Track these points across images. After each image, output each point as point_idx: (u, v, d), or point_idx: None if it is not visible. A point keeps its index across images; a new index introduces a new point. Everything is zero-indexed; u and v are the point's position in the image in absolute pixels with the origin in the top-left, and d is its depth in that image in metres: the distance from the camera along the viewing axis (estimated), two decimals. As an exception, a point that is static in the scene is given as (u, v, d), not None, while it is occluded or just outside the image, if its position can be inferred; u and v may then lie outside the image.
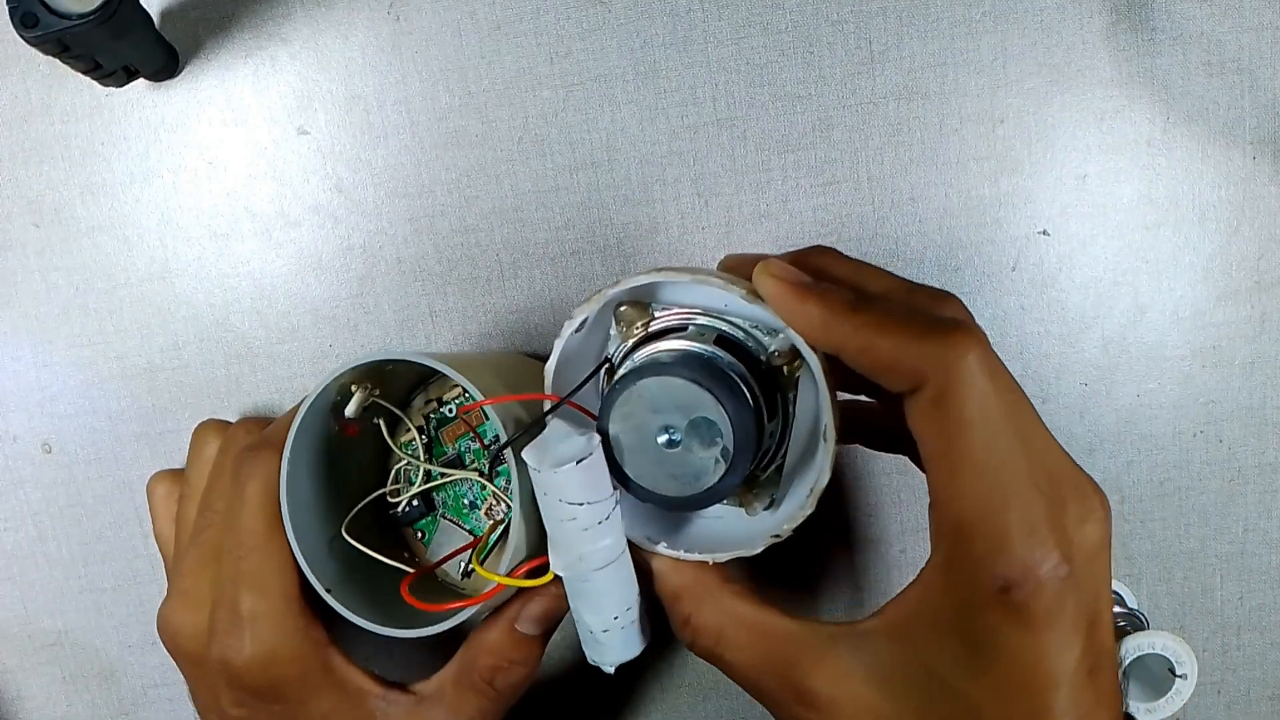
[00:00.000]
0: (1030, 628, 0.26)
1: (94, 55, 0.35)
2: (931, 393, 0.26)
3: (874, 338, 0.27)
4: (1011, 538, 0.26)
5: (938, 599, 0.27)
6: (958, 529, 0.26)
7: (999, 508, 0.26)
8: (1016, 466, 0.26)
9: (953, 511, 0.27)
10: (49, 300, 0.41)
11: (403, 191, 0.40)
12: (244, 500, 0.33)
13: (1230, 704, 0.45)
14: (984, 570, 0.26)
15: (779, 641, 0.30)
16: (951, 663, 0.27)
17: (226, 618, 0.32)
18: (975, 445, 0.26)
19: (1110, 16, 0.39)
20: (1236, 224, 0.41)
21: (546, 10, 0.39)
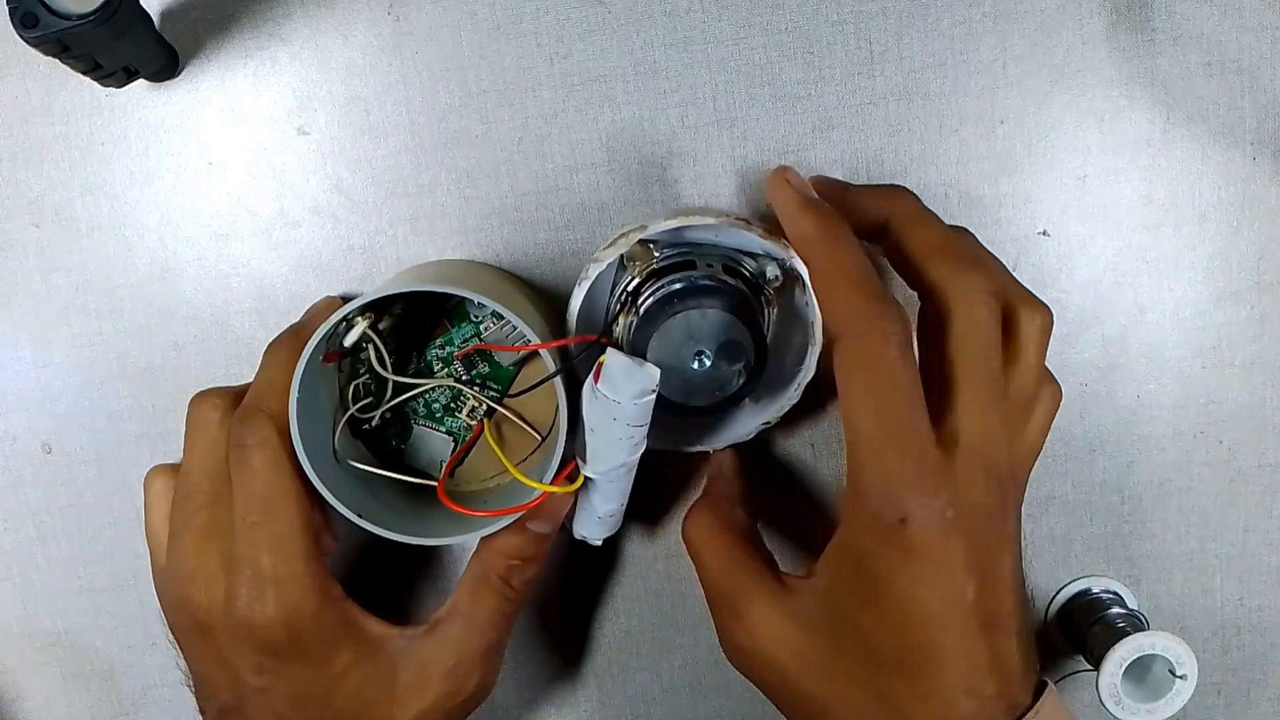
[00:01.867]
0: (917, 560, 0.30)
1: (94, 55, 0.35)
2: (848, 349, 0.31)
3: (830, 286, 0.32)
4: (903, 477, 0.30)
5: (844, 536, 0.32)
6: (859, 469, 0.31)
7: (895, 451, 0.30)
8: (918, 421, 0.30)
9: (858, 451, 0.31)
10: (49, 300, 0.41)
11: (403, 192, 0.40)
12: (251, 470, 0.33)
13: (1230, 704, 0.45)
14: (877, 504, 0.30)
15: (737, 569, 0.35)
16: (852, 596, 0.31)
17: (247, 580, 0.33)
18: (881, 393, 0.30)
19: (1110, 17, 0.39)
20: (1237, 224, 0.41)
21: (546, 11, 0.39)
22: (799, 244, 0.34)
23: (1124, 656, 0.39)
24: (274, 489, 0.33)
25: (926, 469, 0.30)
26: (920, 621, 0.30)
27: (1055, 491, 0.43)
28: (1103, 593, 0.43)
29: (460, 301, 0.39)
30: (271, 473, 0.33)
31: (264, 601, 0.33)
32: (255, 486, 0.33)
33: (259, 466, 0.33)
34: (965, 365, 0.31)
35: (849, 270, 0.32)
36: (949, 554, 0.30)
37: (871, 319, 0.31)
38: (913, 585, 0.30)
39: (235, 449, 0.34)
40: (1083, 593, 0.43)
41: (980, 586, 0.30)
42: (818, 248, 0.33)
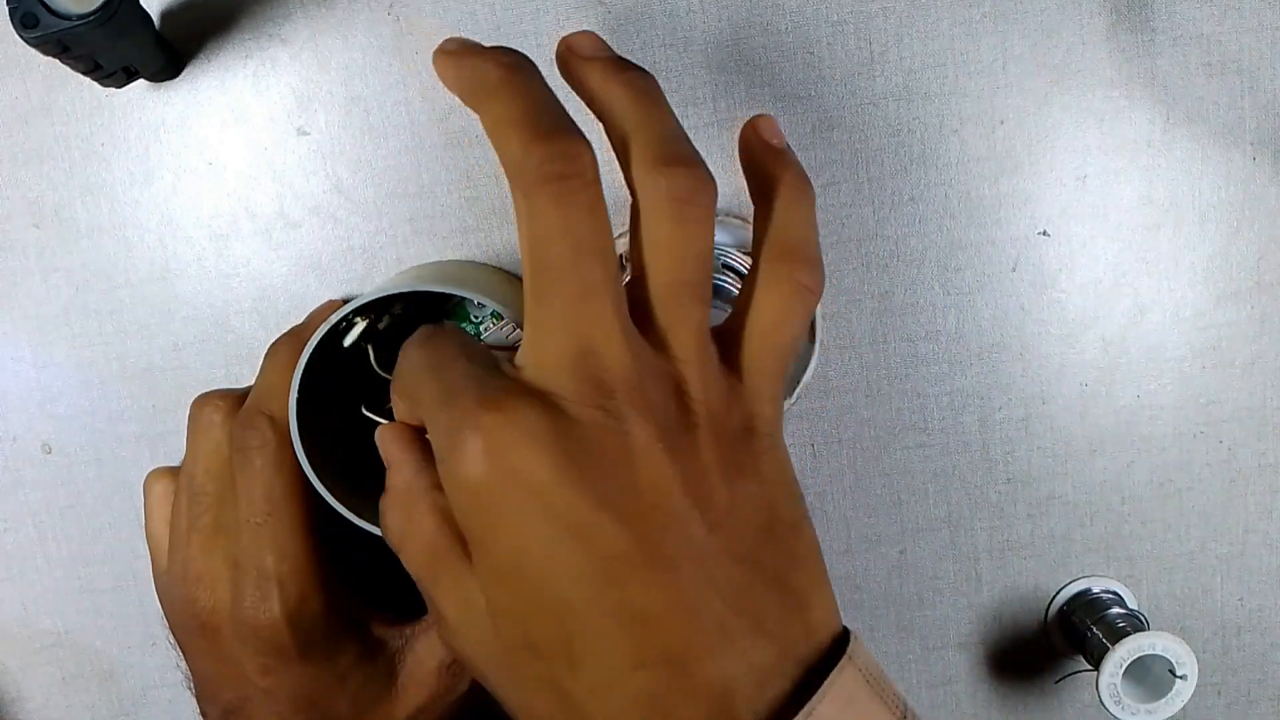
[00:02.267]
0: (492, 509, 0.24)
1: (94, 56, 0.35)
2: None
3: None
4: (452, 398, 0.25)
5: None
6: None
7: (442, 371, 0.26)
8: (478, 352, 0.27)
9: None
10: (49, 301, 0.41)
11: (403, 192, 0.40)
12: (253, 472, 0.33)
13: (1231, 705, 0.45)
14: (435, 439, 0.25)
15: (434, 551, 0.28)
16: (487, 574, 0.25)
17: (253, 581, 0.33)
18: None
19: (1110, 17, 0.39)
20: (1237, 224, 0.41)
21: (546, 11, 0.39)
22: (463, 96, 0.27)
23: (1124, 657, 0.39)
24: (277, 490, 0.33)
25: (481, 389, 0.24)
26: (534, 579, 0.24)
27: (1055, 492, 0.43)
28: (1103, 593, 0.43)
29: (460, 302, 0.39)
30: (274, 475, 0.33)
31: (269, 602, 0.33)
32: (258, 488, 0.33)
33: (261, 468, 0.33)
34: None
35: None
36: (520, 473, 0.23)
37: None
38: (500, 534, 0.24)
39: (238, 452, 0.34)
40: (1083, 593, 0.43)
41: (587, 504, 0.23)
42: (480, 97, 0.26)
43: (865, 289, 0.41)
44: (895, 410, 0.42)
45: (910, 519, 0.43)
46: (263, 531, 0.33)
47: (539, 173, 0.24)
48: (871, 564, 0.43)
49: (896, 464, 0.43)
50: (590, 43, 0.29)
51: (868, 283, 0.41)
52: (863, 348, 0.42)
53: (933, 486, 0.43)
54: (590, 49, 0.28)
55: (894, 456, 0.43)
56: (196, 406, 0.36)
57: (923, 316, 0.41)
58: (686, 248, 0.26)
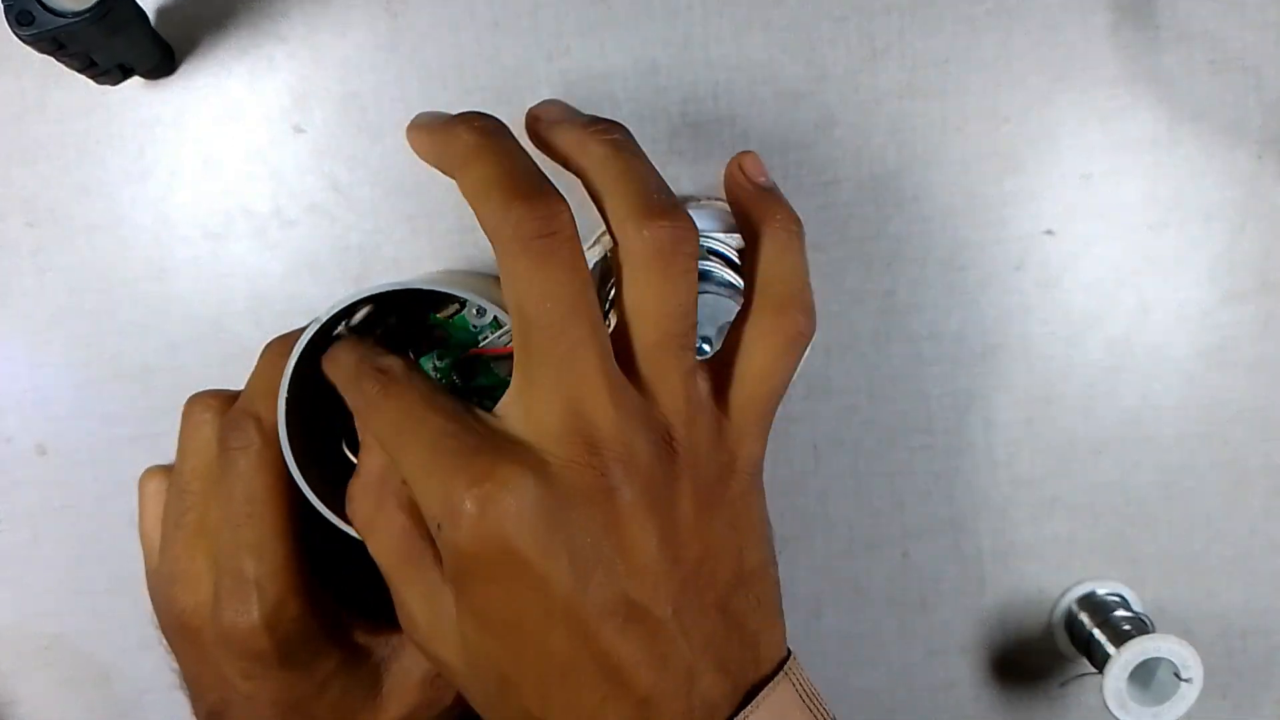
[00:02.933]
0: (477, 565, 0.25)
1: (89, 53, 0.35)
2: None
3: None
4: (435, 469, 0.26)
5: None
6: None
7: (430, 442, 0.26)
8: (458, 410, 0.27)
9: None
10: (43, 300, 0.41)
11: (400, 190, 0.40)
12: (236, 473, 0.33)
13: (1236, 708, 0.45)
14: (424, 503, 0.26)
15: (403, 553, 0.29)
16: (467, 616, 0.27)
17: (231, 584, 0.32)
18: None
19: (1114, 14, 0.39)
20: (1242, 223, 0.41)
21: (545, 7, 0.39)
22: (440, 165, 0.28)
23: (1129, 660, 0.39)
24: (259, 493, 0.32)
25: (459, 452, 0.25)
26: (519, 631, 0.26)
27: (1059, 493, 0.43)
28: (1107, 595, 0.43)
29: (456, 312, 0.39)
30: (256, 476, 0.32)
31: (248, 606, 0.32)
32: (240, 490, 0.32)
33: (244, 470, 0.32)
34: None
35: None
36: (512, 543, 0.24)
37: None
38: (491, 593, 0.25)
39: (222, 452, 0.33)
40: (1087, 595, 0.43)
41: (576, 570, 0.25)
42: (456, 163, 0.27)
43: (868, 288, 0.41)
44: (898, 411, 0.42)
45: (913, 521, 0.43)
46: (242, 534, 0.32)
47: (518, 233, 0.25)
48: (873, 566, 0.43)
49: (899, 465, 0.42)
50: (557, 109, 0.30)
51: (870, 282, 0.41)
52: (865, 348, 0.41)
53: (935, 488, 0.43)
54: (558, 114, 0.29)
55: (896, 457, 0.42)
56: (189, 405, 0.36)
57: (926, 316, 0.41)
58: (672, 300, 0.26)
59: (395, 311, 0.38)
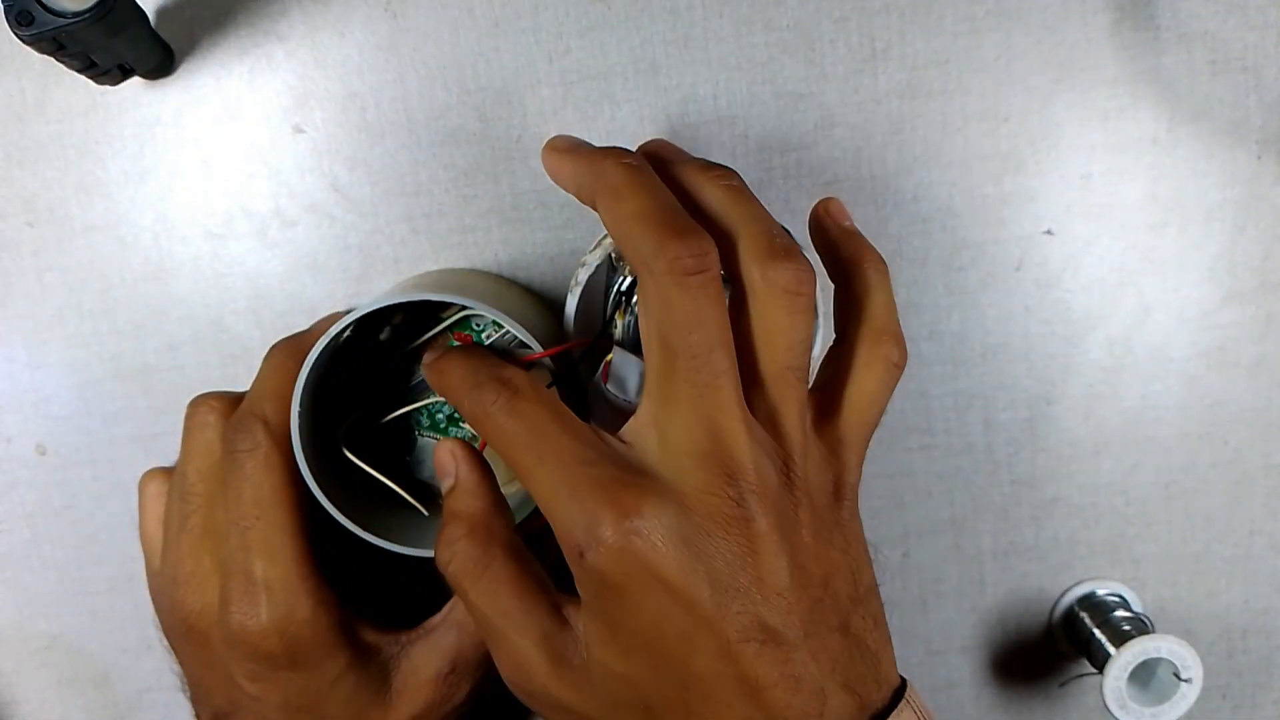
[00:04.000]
0: (623, 591, 0.26)
1: (89, 53, 0.35)
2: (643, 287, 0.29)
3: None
4: (570, 501, 0.27)
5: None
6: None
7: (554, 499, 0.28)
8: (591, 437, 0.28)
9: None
10: (43, 301, 0.41)
11: (400, 190, 0.40)
12: (243, 475, 0.33)
13: (1236, 708, 0.45)
14: (562, 534, 0.27)
15: (508, 606, 0.30)
16: (604, 645, 0.28)
17: (240, 586, 0.33)
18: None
19: (1114, 14, 0.39)
20: (1242, 224, 0.41)
21: (545, 7, 0.39)
22: (581, 193, 0.30)
23: (1129, 660, 0.39)
24: (267, 494, 0.33)
25: (596, 483, 0.27)
26: (663, 655, 0.27)
27: (1060, 493, 0.43)
28: (1107, 595, 0.43)
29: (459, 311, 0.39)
30: (264, 478, 0.33)
31: (256, 608, 0.32)
32: (247, 492, 0.33)
33: (251, 472, 0.33)
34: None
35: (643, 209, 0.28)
36: (656, 572, 0.26)
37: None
38: (635, 615, 0.26)
39: (229, 454, 0.33)
40: (1087, 595, 0.43)
41: (717, 597, 0.26)
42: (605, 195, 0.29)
43: (867, 289, 0.41)
44: (898, 411, 0.42)
45: (913, 521, 0.43)
46: (250, 536, 0.33)
47: (672, 267, 0.27)
48: (874, 567, 0.43)
49: (900, 465, 0.42)
50: (670, 148, 0.32)
51: (870, 282, 0.41)
52: (865, 348, 0.41)
53: (936, 488, 0.43)
54: (672, 152, 0.32)
55: (897, 458, 0.42)
56: (192, 406, 0.36)
57: (926, 316, 0.41)
58: (796, 334, 0.28)
59: (400, 313, 0.38)
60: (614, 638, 0.27)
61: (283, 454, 0.33)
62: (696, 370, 0.27)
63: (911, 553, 0.43)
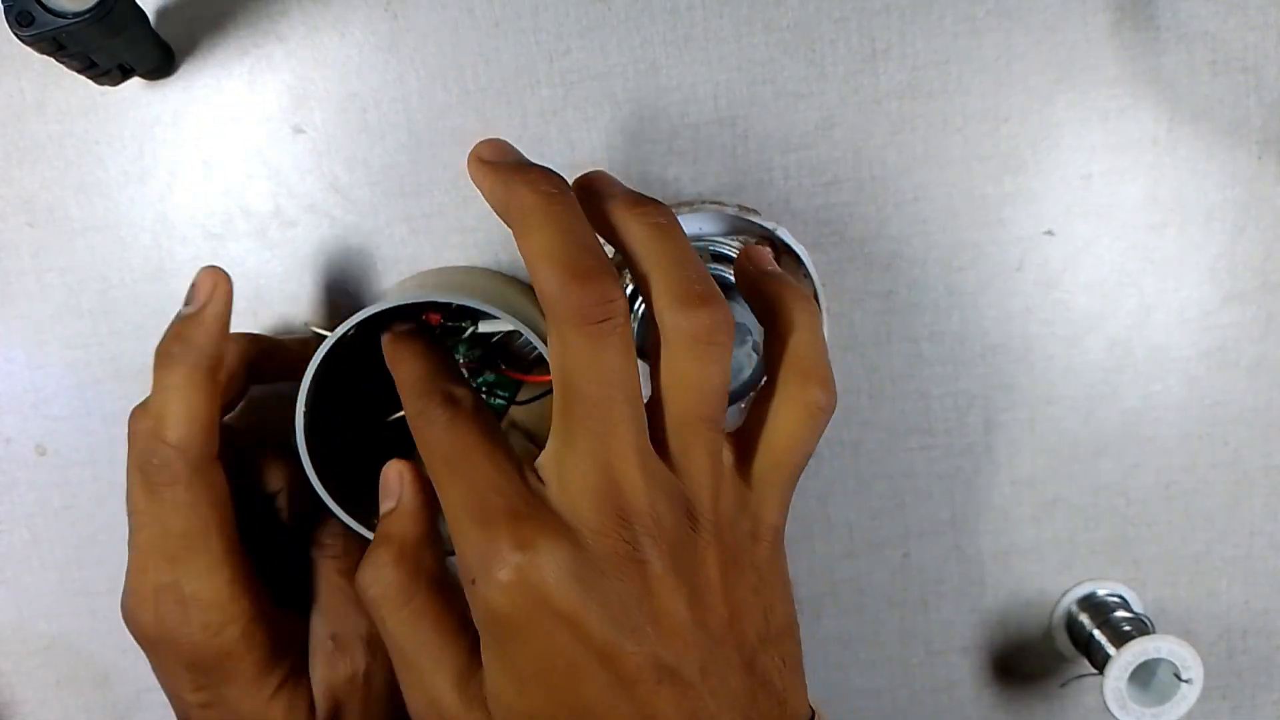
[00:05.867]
0: (511, 625, 0.26)
1: (89, 53, 0.35)
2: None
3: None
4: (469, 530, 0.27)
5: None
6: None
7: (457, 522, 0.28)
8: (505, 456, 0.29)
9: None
10: (43, 301, 0.41)
11: (400, 191, 0.40)
12: (165, 506, 0.32)
13: (1236, 709, 0.45)
14: (460, 561, 0.28)
15: (424, 638, 0.30)
16: (504, 679, 0.28)
17: (174, 608, 0.33)
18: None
19: (1114, 14, 0.39)
20: (1243, 224, 0.41)
21: (546, 7, 0.39)
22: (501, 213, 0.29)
23: (1129, 660, 0.39)
24: (194, 523, 0.32)
25: (494, 511, 0.27)
26: (556, 688, 0.27)
27: (1060, 494, 0.43)
28: (1108, 596, 0.43)
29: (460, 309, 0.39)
30: (189, 509, 0.32)
31: (190, 627, 0.32)
32: (174, 523, 0.32)
33: (173, 505, 0.32)
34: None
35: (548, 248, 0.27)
36: (548, 604, 0.26)
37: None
38: (527, 646, 0.26)
39: (145, 479, 0.32)
40: (1088, 596, 0.43)
41: (611, 634, 0.26)
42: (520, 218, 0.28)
43: (868, 289, 0.41)
44: (898, 411, 0.42)
45: (914, 522, 0.43)
46: (180, 565, 0.32)
47: (576, 313, 0.26)
48: (874, 567, 0.43)
49: (900, 466, 0.42)
50: (604, 180, 0.31)
51: (870, 283, 0.41)
52: (866, 348, 0.41)
53: (936, 489, 0.42)
54: (605, 185, 0.30)
55: (897, 458, 0.42)
56: (130, 420, 0.34)
57: (926, 317, 0.41)
58: (706, 383, 0.28)
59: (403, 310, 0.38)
60: (506, 670, 0.27)
61: (204, 478, 0.32)
62: (594, 417, 0.27)
63: (912, 553, 0.43)
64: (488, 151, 0.29)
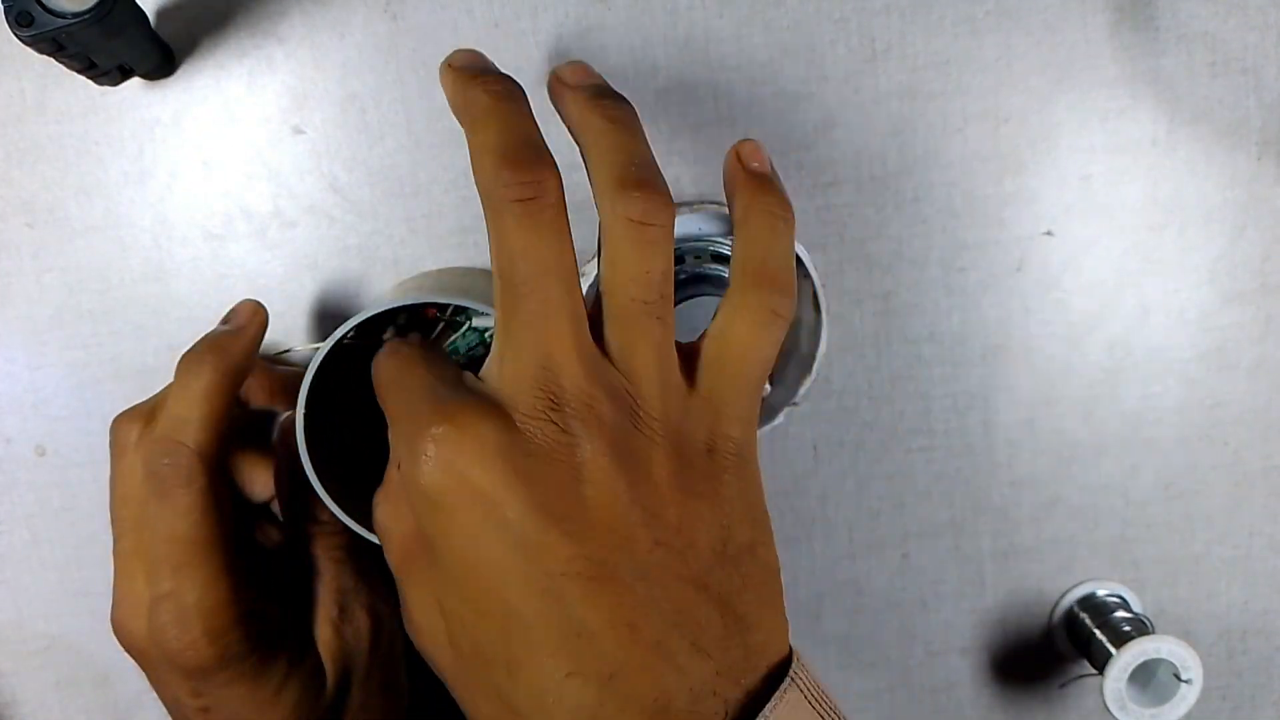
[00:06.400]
0: (446, 509, 0.25)
1: (89, 54, 0.35)
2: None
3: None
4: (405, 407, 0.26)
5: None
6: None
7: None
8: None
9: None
10: (43, 302, 0.41)
11: (399, 191, 0.40)
12: (174, 510, 0.32)
13: (1236, 709, 0.45)
14: (393, 442, 0.27)
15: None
16: (428, 572, 0.27)
17: (173, 616, 0.32)
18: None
19: (1114, 15, 0.39)
20: (1242, 225, 0.41)
21: (546, 7, 0.39)
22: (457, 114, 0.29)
23: (1129, 661, 0.39)
24: (203, 531, 0.32)
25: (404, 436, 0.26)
26: (480, 587, 0.25)
27: (1060, 495, 0.43)
28: (1108, 596, 0.43)
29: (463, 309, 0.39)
30: (201, 516, 0.32)
31: (190, 634, 0.32)
32: (182, 529, 0.32)
33: (186, 509, 0.32)
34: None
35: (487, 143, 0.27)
36: (471, 484, 0.24)
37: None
38: (454, 538, 0.25)
39: (155, 481, 0.32)
40: (1088, 596, 0.43)
41: (537, 520, 0.24)
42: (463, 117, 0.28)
43: (868, 290, 0.41)
44: (898, 412, 0.42)
45: (913, 522, 0.43)
46: (184, 572, 0.32)
47: (506, 194, 0.26)
48: (874, 568, 0.43)
49: (899, 467, 0.42)
50: (576, 72, 0.30)
51: (870, 283, 0.41)
52: (865, 349, 0.41)
53: (936, 489, 0.42)
54: (574, 78, 0.30)
55: (897, 459, 0.42)
56: (113, 426, 0.35)
57: (926, 317, 0.41)
58: (643, 267, 0.26)
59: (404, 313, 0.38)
60: (441, 565, 0.26)
61: (211, 482, 0.32)
62: (527, 299, 0.26)
63: (911, 554, 0.43)
64: (458, 59, 0.29)
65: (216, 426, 0.33)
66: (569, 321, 0.26)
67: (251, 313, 0.36)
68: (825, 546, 0.43)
